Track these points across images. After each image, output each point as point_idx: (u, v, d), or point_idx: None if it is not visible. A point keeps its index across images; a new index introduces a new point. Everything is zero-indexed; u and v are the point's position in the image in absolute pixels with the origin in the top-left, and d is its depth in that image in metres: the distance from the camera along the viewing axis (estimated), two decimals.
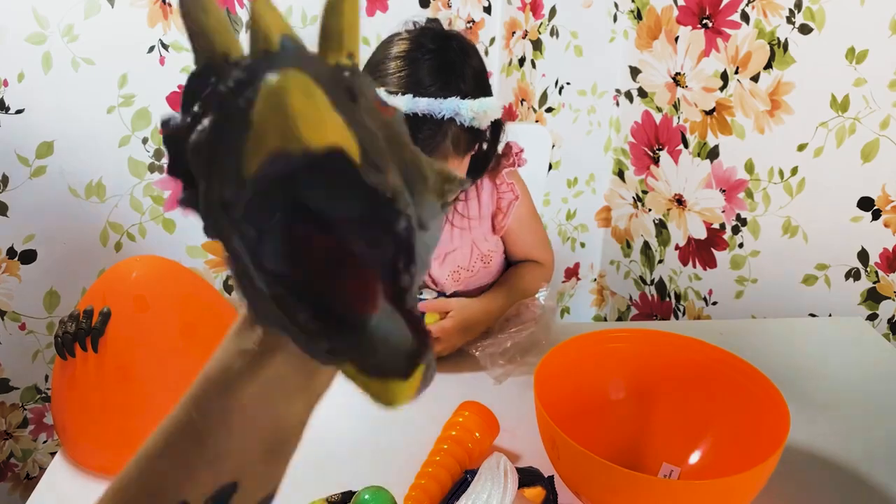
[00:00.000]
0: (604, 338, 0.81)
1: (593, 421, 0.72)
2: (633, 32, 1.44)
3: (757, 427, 0.70)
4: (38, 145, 1.19)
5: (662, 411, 0.79)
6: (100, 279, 0.82)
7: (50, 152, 1.20)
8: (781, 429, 0.65)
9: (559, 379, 0.73)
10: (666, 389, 0.78)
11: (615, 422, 0.78)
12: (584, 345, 0.79)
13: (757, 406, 0.71)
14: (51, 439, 1.43)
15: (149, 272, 0.81)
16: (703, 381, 0.77)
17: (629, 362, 0.80)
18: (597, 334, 0.81)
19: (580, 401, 0.75)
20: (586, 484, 0.67)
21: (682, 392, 0.78)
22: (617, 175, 1.61)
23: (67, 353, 0.76)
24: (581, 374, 0.78)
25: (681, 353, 0.78)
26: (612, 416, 0.78)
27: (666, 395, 0.79)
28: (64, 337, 0.76)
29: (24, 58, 1.12)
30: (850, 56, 1.16)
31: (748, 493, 0.65)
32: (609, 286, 1.75)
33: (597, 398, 0.79)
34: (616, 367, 0.80)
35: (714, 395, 0.76)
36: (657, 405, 0.79)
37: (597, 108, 1.54)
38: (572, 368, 0.77)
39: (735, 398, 0.74)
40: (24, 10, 1.10)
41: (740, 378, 0.74)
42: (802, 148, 1.26)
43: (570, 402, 0.72)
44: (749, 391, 0.73)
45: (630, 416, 0.79)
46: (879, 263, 1.25)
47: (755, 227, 1.37)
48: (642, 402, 0.80)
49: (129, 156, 1.25)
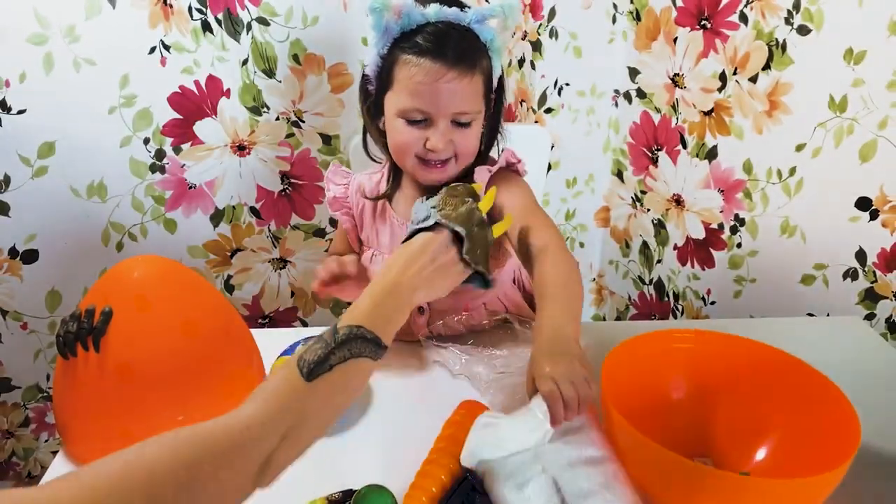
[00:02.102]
0: (668, 338, 0.83)
1: (656, 420, 0.71)
2: (632, 33, 1.44)
3: (821, 431, 0.71)
4: (40, 145, 1.19)
5: (723, 412, 0.80)
6: (101, 279, 0.82)
7: (51, 152, 1.20)
8: (852, 434, 0.66)
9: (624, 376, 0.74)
10: (728, 390, 0.80)
11: (677, 421, 0.78)
12: (649, 344, 0.81)
13: (821, 410, 0.72)
14: (52, 438, 1.44)
15: (150, 272, 0.81)
16: (766, 383, 0.78)
17: (692, 362, 0.81)
18: (661, 334, 0.83)
19: (643, 399, 0.76)
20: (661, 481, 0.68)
21: (744, 394, 0.79)
22: (616, 175, 1.62)
23: (69, 352, 0.76)
24: (645, 373, 0.79)
25: (744, 354, 0.80)
26: (673, 415, 0.79)
27: (727, 395, 0.80)
28: (66, 336, 0.76)
29: (26, 58, 1.13)
30: (849, 57, 1.16)
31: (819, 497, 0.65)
32: (608, 286, 1.75)
33: (659, 397, 0.80)
34: (679, 366, 0.81)
35: (776, 399, 0.77)
36: (718, 406, 0.80)
37: (596, 108, 1.54)
38: (636, 366, 0.79)
39: (799, 402, 0.75)
40: (26, 10, 1.10)
41: (803, 382, 0.75)
42: (801, 148, 1.26)
43: (633, 399, 0.72)
44: (813, 395, 0.74)
45: (691, 415, 0.80)
46: (877, 263, 1.25)
47: (753, 227, 1.37)
48: (704, 403, 0.81)
49: (131, 156, 1.26)
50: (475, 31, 0.89)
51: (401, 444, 0.83)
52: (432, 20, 0.87)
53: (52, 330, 1.33)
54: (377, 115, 0.95)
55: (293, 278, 1.48)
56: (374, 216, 1.03)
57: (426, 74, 0.86)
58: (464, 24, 0.88)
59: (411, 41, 0.87)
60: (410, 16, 0.86)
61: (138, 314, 0.77)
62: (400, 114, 0.90)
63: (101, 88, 1.19)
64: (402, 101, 0.89)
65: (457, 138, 0.90)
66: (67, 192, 1.24)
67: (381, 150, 0.99)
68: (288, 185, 1.39)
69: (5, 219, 1.22)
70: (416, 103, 0.88)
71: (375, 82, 0.93)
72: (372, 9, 0.85)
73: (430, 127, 0.90)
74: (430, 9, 0.87)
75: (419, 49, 0.86)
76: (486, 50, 0.90)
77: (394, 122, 0.91)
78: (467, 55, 0.88)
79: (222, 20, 1.23)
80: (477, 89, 0.91)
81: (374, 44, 0.89)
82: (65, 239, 1.27)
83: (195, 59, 1.23)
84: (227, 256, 1.41)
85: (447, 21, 0.87)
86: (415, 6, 0.87)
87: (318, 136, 1.36)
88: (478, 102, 0.92)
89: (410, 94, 0.88)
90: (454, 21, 0.88)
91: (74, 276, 1.30)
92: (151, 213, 1.32)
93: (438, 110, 0.88)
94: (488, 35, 0.89)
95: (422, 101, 0.88)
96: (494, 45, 0.90)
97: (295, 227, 1.43)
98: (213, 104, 1.28)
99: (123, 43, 1.18)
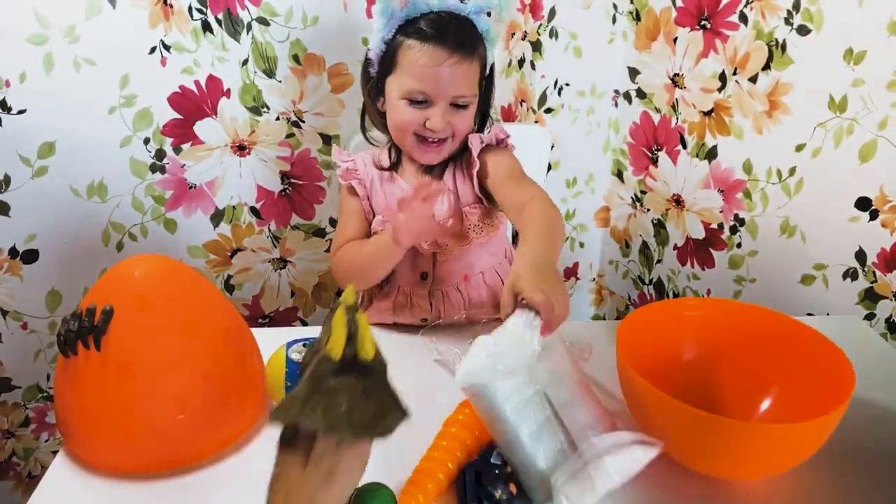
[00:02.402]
0: (679, 306, 0.94)
1: (668, 380, 0.76)
2: (632, 33, 1.44)
3: (818, 383, 0.78)
4: (40, 145, 1.19)
5: (729, 372, 0.88)
6: (102, 278, 0.82)
7: (52, 152, 1.20)
8: (846, 383, 0.73)
9: (638, 341, 0.82)
10: (733, 352, 0.88)
11: (687, 381, 0.83)
12: (661, 312, 0.91)
13: (817, 364, 0.80)
14: (52, 438, 1.44)
15: (151, 271, 0.81)
16: (767, 344, 0.87)
17: (701, 328, 0.90)
18: (673, 302, 0.98)
19: (656, 361, 0.82)
20: (673, 431, 0.75)
21: (747, 354, 0.87)
22: (616, 175, 1.62)
23: (70, 351, 0.76)
24: (657, 339, 0.87)
25: (747, 318, 0.89)
26: (683, 376, 0.85)
27: (733, 356, 0.88)
28: (66, 335, 0.76)
29: (26, 58, 1.13)
30: (849, 57, 1.16)
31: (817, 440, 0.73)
32: (608, 286, 1.75)
33: (671, 360, 0.88)
34: (689, 332, 0.90)
35: (777, 356, 0.86)
36: (724, 366, 0.88)
37: (596, 108, 1.55)
38: (650, 332, 0.86)
39: (797, 358, 0.84)
40: (26, 10, 1.10)
41: (801, 340, 0.84)
42: (800, 148, 1.26)
43: (647, 361, 0.78)
44: (810, 351, 0.82)
45: (700, 376, 0.87)
46: (877, 263, 1.25)
47: (753, 227, 1.37)
48: (711, 364, 0.89)
49: (131, 156, 1.26)
50: (473, 20, 0.97)
51: (401, 442, 0.83)
52: (435, 9, 0.95)
53: (53, 330, 1.33)
54: (377, 96, 1.02)
55: (293, 278, 1.48)
56: (381, 182, 1.07)
57: (430, 58, 0.93)
58: (463, 14, 0.96)
59: (415, 27, 0.94)
60: (415, 4, 0.94)
61: (139, 313, 0.77)
62: (403, 95, 0.96)
63: (101, 88, 1.19)
64: (405, 83, 0.96)
65: (454, 119, 0.98)
66: (67, 192, 1.24)
67: (380, 129, 1.05)
68: (288, 185, 1.39)
69: (5, 219, 1.22)
70: (418, 85, 0.95)
71: (378, 66, 0.99)
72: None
73: (430, 108, 0.96)
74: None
75: (423, 35, 0.94)
76: (482, 39, 0.98)
77: (395, 103, 0.98)
78: (467, 42, 0.95)
79: (222, 20, 1.23)
80: (474, 74, 0.98)
81: (379, 29, 0.95)
82: (65, 239, 1.27)
83: (195, 59, 1.23)
84: (227, 256, 1.41)
85: (448, 10, 0.95)
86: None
87: (318, 136, 1.36)
88: (474, 86, 0.99)
89: (413, 77, 0.95)
90: (454, 11, 0.96)
91: (74, 276, 1.30)
92: (151, 213, 1.32)
93: (439, 93, 0.95)
94: (485, 26, 0.97)
95: (424, 83, 0.95)
96: (490, 36, 0.98)
97: (295, 227, 1.43)
98: (214, 104, 1.28)
99: (123, 43, 1.18)
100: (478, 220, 1.04)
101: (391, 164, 1.07)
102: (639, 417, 0.81)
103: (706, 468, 0.77)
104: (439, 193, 0.92)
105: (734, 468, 0.75)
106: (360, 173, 1.07)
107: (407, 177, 1.06)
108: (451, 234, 1.03)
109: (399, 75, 0.96)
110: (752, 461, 0.72)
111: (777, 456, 0.73)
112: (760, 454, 0.71)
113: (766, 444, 0.71)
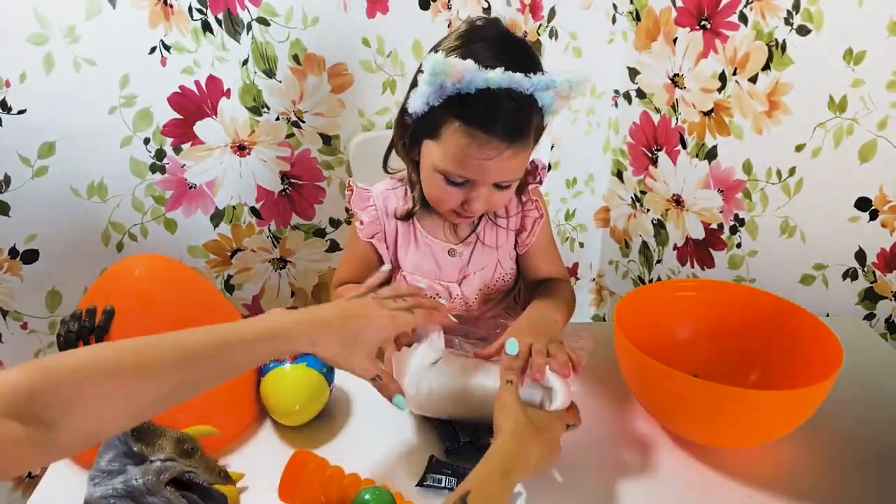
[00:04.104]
0: (673, 287, 1.00)
1: (662, 357, 0.78)
2: (632, 34, 1.44)
3: (806, 359, 0.84)
4: (40, 145, 1.19)
5: (721, 349, 0.92)
6: (102, 277, 0.82)
7: (52, 152, 1.20)
8: (834, 358, 0.77)
9: (634, 321, 0.86)
10: (724, 329, 0.93)
11: (680, 358, 0.84)
12: (656, 293, 0.97)
13: (805, 341, 0.85)
14: None
15: (151, 270, 0.81)
16: (757, 322, 0.91)
17: (694, 307, 0.95)
18: (667, 284, 1.02)
19: (652, 340, 0.85)
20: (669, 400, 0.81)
21: (738, 331, 0.92)
22: (615, 175, 1.62)
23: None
24: (653, 319, 0.92)
25: (738, 298, 0.94)
26: (678, 354, 0.87)
27: (724, 333, 0.93)
28: (67, 336, 0.76)
29: (26, 58, 1.13)
30: (848, 57, 1.16)
31: (806, 409, 0.77)
32: (608, 286, 1.75)
33: (666, 338, 0.92)
34: (683, 311, 0.95)
35: (766, 333, 0.90)
36: (717, 344, 0.93)
37: (595, 108, 1.55)
38: (645, 313, 0.91)
39: (786, 335, 0.88)
40: (26, 10, 1.10)
41: (789, 318, 0.88)
42: (800, 148, 1.26)
43: (643, 340, 0.81)
44: (798, 329, 0.87)
45: (693, 354, 0.91)
46: (877, 263, 1.25)
47: (753, 227, 1.38)
48: (704, 342, 0.93)
49: (131, 156, 1.25)
50: (535, 97, 0.82)
51: (401, 444, 0.84)
52: (493, 86, 0.79)
53: (52, 330, 1.33)
54: (413, 147, 0.90)
55: (293, 278, 1.48)
56: (406, 235, 0.99)
57: (479, 150, 0.81)
58: (525, 91, 0.80)
59: (464, 105, 0.80)
60: (472, 82, 0.78)
61: (139, 312, 0.77)
62: (441, 172, 0.86)
63: (101, 88, 1.19)
64: (446, 163, 0.84)
65: (495, 199, 0.89)
66: (67, 192, 1.24)
67: (412, 170, 0.95)
68: (288, 185, 1.39)
69: (5, 219, 1.22)
70: (460, 170, 0.84)
71: (416, 125, 0.87)
72: (433, 73, 0.78)
73: (471, 189, 0.86)
74: (492, 73, 0.78)
75: (473, 122, 0.80)
76: (541, 112, 0.84)
77: (432, 173, 0.87)
78: (519, 129, 0.82)
79: (222, 20, 1.23)
80: (526, 157, 0.88)
81: (424, 93, 0.81)
82: (65, 239, 1.27)
83: (195, 60, 1.23)
84: (227, 256, 1.41)
85: (507, 88, 0.79)
86: (477, 71, 0.78)
87: (318, 136, 1.36)
88: (524, 167, 0.89)
89: (456, 162, 0.83)
90: (515, 88, 0.80)
91: (74, 276, 1.30)
92: (151, 213, 1.32)
93: (484, 180, 0.85)
94: (547, 100, 0.83)
95: (467, 171, 0.84)
96: (551, 109, 0.85)
97: (295, 227, 1.43)
98: (214, 104, 1.28)
99: (123, 43, 1.18)
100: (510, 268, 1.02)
101: (413, 208, 0.96)
102: (636, 392, 0.86)
103: (699, 437, 0.82)
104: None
105: (727, 436, 0.80)
106: (381, 224, 0.99)
107: (429, 227, 0.98)
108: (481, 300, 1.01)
109: (440, 148, 0.84)
110: (745, 428, 0.78)
111: (767, 424, 0.78)
112: (751, 421, 0.77)
113: (757, 410, 0.75)
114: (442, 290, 0.98)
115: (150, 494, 0.65)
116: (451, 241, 0.99)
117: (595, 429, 0.85)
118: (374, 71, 1.33)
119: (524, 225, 1.00)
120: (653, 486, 0.78)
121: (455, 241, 0.99)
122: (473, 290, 0.99)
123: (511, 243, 1.01)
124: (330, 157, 1.39)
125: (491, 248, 0.99)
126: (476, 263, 0.99)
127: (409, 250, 0.99)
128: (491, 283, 1.00)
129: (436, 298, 0.95)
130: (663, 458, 0.82)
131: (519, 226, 1.00)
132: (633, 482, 0.78)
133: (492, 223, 0.99)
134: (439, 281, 0.98)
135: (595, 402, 0.91)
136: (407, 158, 0.94)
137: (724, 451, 0.82)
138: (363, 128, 1.37)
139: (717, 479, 0.79)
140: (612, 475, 0.79)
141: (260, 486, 0.76)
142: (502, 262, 1.01)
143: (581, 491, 0.76)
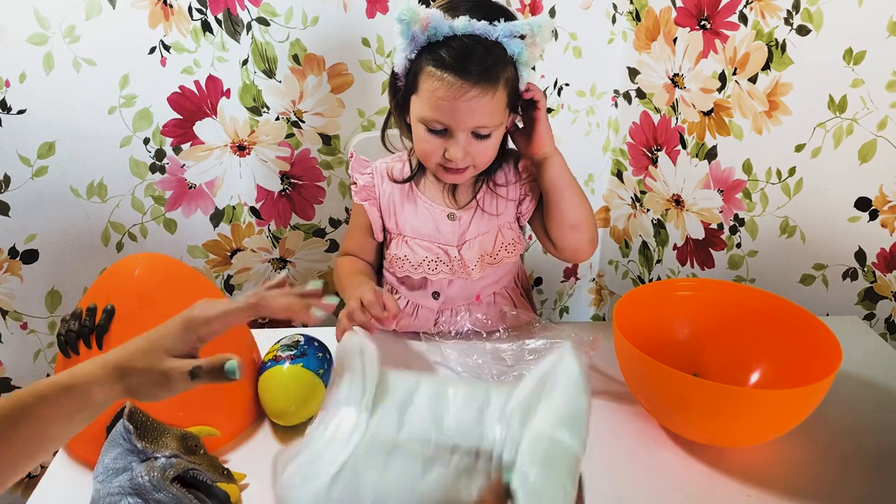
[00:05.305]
0: (671, 286, 0.97)
1: (663, 358, 0.79)
2: (632, 34, 1.44)
3: (806, 358, 0.83)
4: (40, 145, 1.19)
5: (720, 348, 0.92)
6: (102, 276, 0.82)
7: (51, 152, 1.20)
8: (834, 357, 0.77)
9: (633, 321, 0.86)
10: (723, 329, 0.93)
11: (679, 358, 0.85)
12: (654, 292, 0.95)
13: (805, 340, 0.85)
14: None
15: (152, 269, 0.81)
16: (756, 320, 0.91)
17: (693, 307, 0.95)
18: (665, 283, 1.00)
19: (651, 339, 0.85)
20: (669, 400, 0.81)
21: (737, 330, 0.92)
22: (615, 175, 1.62)
23: (71, 350, 0.76)
24: (651, 318, 0.92)
25: (736, 297, 0.93)
26: (676, 353, 0.88)
27: (723, 333, 0.93)
28: (67, 335, 0.76)
29: (26, 58, 1.13)
30: (848, 57, 1.16)
31: (805, 408, 0.77)
32: (608, 286, 1.75)
33: (664, 337, 0.92)
34: (681, 311, 0.95)
35: (766, 333, 0.90)
36: (716, 343, 0.93)
37: (595, 108, 1.55)
38: (644, 312, 0.91)
39: (785, 334, 0.88)
40: (26, 11, 1.10)
41: (788, 317, 0.88)
42: (800, 149, 1.26)
43: (642, 340, 0.82)
44: (797, 327, 0.87)
45: (692, 353, 0.92)
46: (876, 263, 1.25)
47: (753, 227, 1.38)
48: (703, 341, 0.93)
49: (131, 156, 1.26)
50: (503, 44, 0.88)
51: None
52: (459, 33, 0.86)
53: (52, 330, 1.33)
54: (405, 110, 0.96)
55: (293, 278, 1.48)
56: (402, 200, 1.04)
57: (447, 90, 0.87)
58: (492, 38, 0.87)
59: (436, 53, 0.87)
60: (438, 28, 0.86)
61: (139, 312, 0.77)
62: (421, 121, 0.92)
63: (101, 88, 1.19)
64: (424, 111, 0.91)
65: (474, 149, 0.93)
66: (67, 192, 1.24)
67: (408, 139, 1.00)
68: (288, 185, 1.39)
69: (5, 219, 1.22)
70: (436, 115, 0.90)
71: (403, 85, 0.94)
72: (399, 19, 0.86)
73: (450, 137, 0.92)
74: (458, 21, 0.86)
75: (442, 63, 0.87)
76: (512, 62, 0.89)
77: (416, 125, 0.94)
78: (490, 71, 0.87)
79: (222, 20, 1.23)
80: (499, 103, 0.91)
81: (402, 48, 0.89)
82: (65, 239, 1.27)
83: (195, 60, 1.24)
84: (227, 256, 1.41)
85: (474, 34, 0.87)
86: (443, 18, 0.86)
87: (318, 136, 1.36)
88: (499, 115, 0.92)
89: (431, 107, 0.89)
90: (481, 35, 0.87)
91: (74, 276, 1.30)
92: (151, 213, 1.32)
93: (458, 124, 0.90)
94: (516, 48, 0.88)
95: (442, 114, 0.89)
96: (522, 58, 0.90)
97: (295, 227, 1.43)
98: (213, 104, 1.28)
99: (123, 43, 1.18)
100: (512, 239, 1.04)
101: (411, 174, 1.04)
102: (636, 392, 0.86)
103: (699, 436, 0.82)
104: (393, 321, 0.87)
105: (727, 435, 0.80)
106: (377, 191, 1.05)
107: (429, 193, 1.04)
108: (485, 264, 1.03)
109: (419, 99, 0.91)
110: (744, 427, 0.77)
111: (766, 423, 0.78)
112: (751, 420, 0.76)
113: (756, 410, 0.75)
114: (441, 254, 1.02)
115: (155, 491, 0.65)
116: (450, 206, 1.03)
117: (595, 428, 0.85)
118: (374, 71, 1.33)
119: (525, 192, 1.04)
120: (653, 485, 0.78)
121: (455, 206, 1.03)
122: (473, 255, 1.02)
123: (512, 213, 1.04)
124: (330, 157, 1.39)
125: (491, 215, 1.03)
126: (476, 229, 1.02)
127: (409, 214, 1.03)
128: (493, 252, 1.03)
129: (435, 261, 1.01)
130: (663, 458, 0.82)
131: (520, 195, 1.04)
132: (633, 482, 0.78)
133: (491, 192, 1.03)
134: (438, 244, 1.02)
135: (595, 402, 0.91)
136: (401, 124, 0.99)
137: (723, 450, 0.82)
138: (363, 128, 1.37)
139: (717, 478, 0.79)
140: (612, 475, 0.79)
141: (259, 485, 0.76)
142: (503, 232, 1.03)
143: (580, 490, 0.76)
